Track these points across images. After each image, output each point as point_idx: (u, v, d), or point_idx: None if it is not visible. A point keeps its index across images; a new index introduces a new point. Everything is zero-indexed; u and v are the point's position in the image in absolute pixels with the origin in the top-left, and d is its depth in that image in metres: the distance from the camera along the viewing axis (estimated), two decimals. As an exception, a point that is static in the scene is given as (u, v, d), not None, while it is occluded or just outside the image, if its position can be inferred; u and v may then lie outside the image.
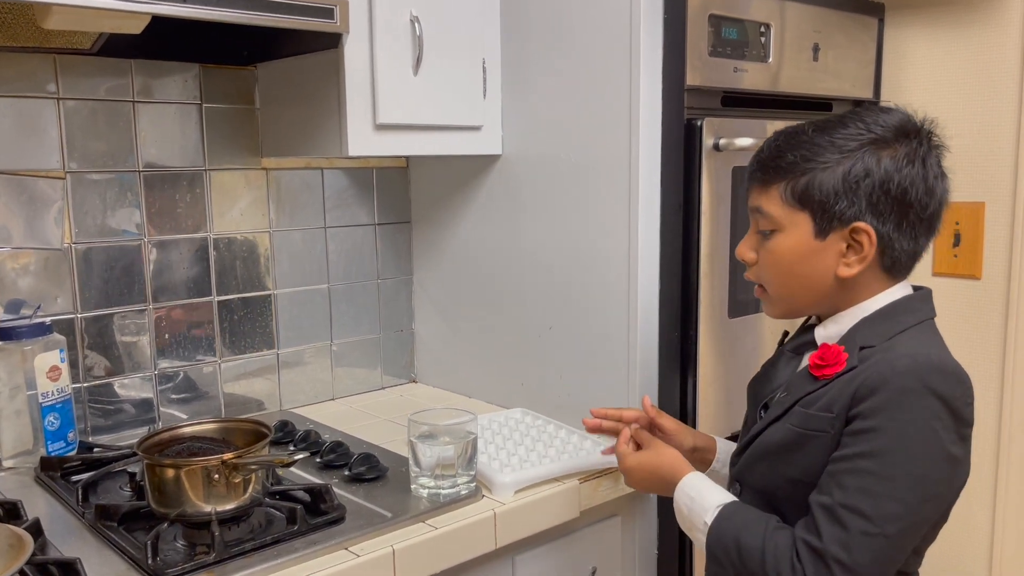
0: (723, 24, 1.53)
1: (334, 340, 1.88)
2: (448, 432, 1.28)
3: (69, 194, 1.51)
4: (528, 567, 1.37)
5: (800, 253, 1.03)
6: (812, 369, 1.03)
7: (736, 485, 1.12)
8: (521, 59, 1.64)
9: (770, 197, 1.03)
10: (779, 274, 1.06)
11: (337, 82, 1.46)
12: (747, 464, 1.10)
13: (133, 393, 1.61)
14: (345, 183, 1.86)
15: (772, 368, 1.15)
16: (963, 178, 1.84)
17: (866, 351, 1.00)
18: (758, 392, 1.14)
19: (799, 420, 1.01)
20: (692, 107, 1.49)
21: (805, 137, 1.01)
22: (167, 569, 1.05)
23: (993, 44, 1.79)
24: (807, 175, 1.00)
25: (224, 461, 1.11)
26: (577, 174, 1.56)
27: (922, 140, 1.01)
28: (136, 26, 1.29)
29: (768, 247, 1.05)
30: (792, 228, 1.02)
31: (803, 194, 1.00)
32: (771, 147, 1.04)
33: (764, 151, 1.05)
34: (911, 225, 1.00)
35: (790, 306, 1.09)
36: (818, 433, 0.99)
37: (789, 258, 1.04)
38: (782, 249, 1.04)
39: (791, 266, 1.04)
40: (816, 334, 1.08)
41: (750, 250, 1.08)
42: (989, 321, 1.82)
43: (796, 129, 1.04)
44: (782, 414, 1.04)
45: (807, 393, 1.02)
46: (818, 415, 0.99)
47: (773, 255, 1.05)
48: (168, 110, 1.61)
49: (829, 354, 1.01)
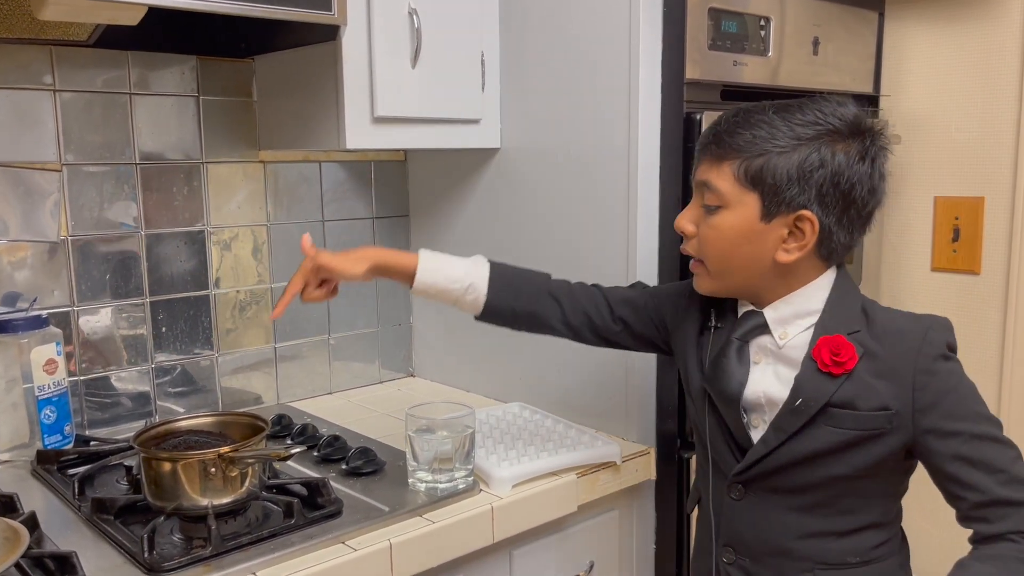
0: (723, 17, 1.52)
1: (331, 334, 1.88)
2: (446, 426, 1.28)
3: (65, 186, 1.50)
4: (526, 561, 1.37)
5: (743, 232, 1.03)
6: (829, 368, 1.01)
7: (739, 488, 1.10)
8: (520, 52, 1.63)
9: (722, 173, 1.02)
10: (719, 250, 1.05)
11: (335, 74, 1.46)
12: (772, 470, 1.06)
13: (130, 386, 1.61)
14: (343, 176, 1.85)
15: (724, 360, 1.09)
16: (962, 173, 1.84)
17: (857, 336, 1.02)
18: (724, 390, 1.08)
19: (852, 422, 1.00)
20: (691, 100, 1.48)
21: (765, 118, 1.01)
22: (163, 563, 1.05)
23: (993, 39, 1.79)
24: (762, 157, 1.00)
25: (221, 455, 1.11)
26: (576, 168, 1.55)
27: (874, 139, 1.02)
28: (132, 17, 1.28)
29: (711, 222, 1.04)
30: (739, 207, 1.02)
31: (756, 175, 1.00)
32: (729, 123, 1.03)
33: (721, 125, 1.04)
34: (850, 220, 1.02)
35: (724, 283, 1.08)
36: (878, 431, 1.00)
37: (731, 236, 1.03)
38: (725, 226, 1.03)
39: (732, 244, 1.04)
40: (768, 317, 1.07)
41: (690, 223, 1.08)
42: (988, 317, 1.82)
43: (756, 108, 1.03)
44: (813, 418, 1.02)
45: (833, 393, 1.01)
46: (874, 415, 1.00)
47: (716, 231, 1.04)
48: (165, 102, 1.60)
49: (842, 349, 1.01)
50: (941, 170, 1.87)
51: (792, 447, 1.04)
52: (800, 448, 1.03)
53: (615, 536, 1.51)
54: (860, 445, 1.01)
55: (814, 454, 1.03)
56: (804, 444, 1.03)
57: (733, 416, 1.09)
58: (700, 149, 1.07)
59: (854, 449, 1.01)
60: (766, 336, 1.08)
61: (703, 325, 1.16)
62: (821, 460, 1.03)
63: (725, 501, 1.12)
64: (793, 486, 1.06)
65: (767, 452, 1.06)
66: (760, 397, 1.07)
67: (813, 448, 1.02)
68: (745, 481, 1.09)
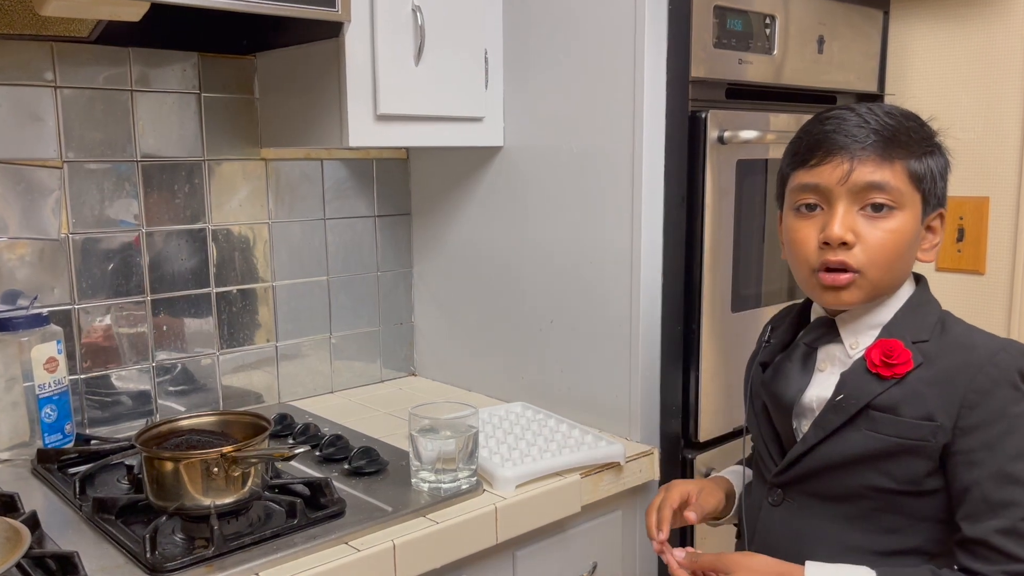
0: (728, 15, 1.51)
1: (333, 333, 1.87)
2: (449, 426, 1.27)
3: (66, 184, 1.49)
4: (529, 562, 1.36)
5: (913, 233, 0.99)
6: (878, 368, 0.97)
7: (778, 492, 1.06)
8: (523, 50, 1.62)
9: (895, 171, 0.97)
10: (891, 256, 0.98)
11: (338, 72, 1.45)
12: (808, 473, 1.03)
13: (131, 385, 1.60)
14: (345, 174, 1.85)
15: (788, 363, 1.07)
16: (967, 172, 1.83)
17: (922, 346, 0.98)
18: (782, 393, 1.05)
19: (892, 428, 0.96)
20: (696, 99, 1.48)
21: (913, 117, 1.00)
22: (166, 563, 1.04)
23: (998, 38, 1.78)
24: (927, 156, 0.98)
25: (223, 454, 1.10)
26: (579, 166, 1.54)
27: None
28: (134, 13, 1.27)
29: (885, 227, 0.97)
30: (910, 207, 0.98)
31: (919, 174, 0.98)
32: (884, 121, 0.98)
33: (869, 124, 0.97)
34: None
35: (876, 293, 1.00)
36: (919, 443, 0.95)
37: (907, 239, 0.98)
38: (903, 229, 0.97)
39: (906, 248, 0.99)
40: (841, 325, 1.03)
41: (848, 231, 0.97)
42: (992, 317, 1.82)
43: (893, 108, 1.00)
44: (852, 419, 0.98)
45: (876, 395, 0.97)
46: (918, 423, 0.95)
47: (893, 235, 0.97)
48: (166, 99, 1.59)
49: (896, 352, 0.97)
50: (945, 170, 1.87)
51: (830, 448, 1.00)
52: (837, 450, 0.99)
53: (618, 537, 1.50)
54: (900, 456, 0.96)
55: (851, 459, 0.98)
56: (841, 447, 0.99)
57: (784, 422, 1.06)
58: (858, 148, 0.97)
59: (895, 460, 0.96)
60: (837, 345, 1.04)
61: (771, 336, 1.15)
62: (859, 467, 0.98)
63: (763, 507, 1.08)
64: (831, 493, 1.01)
65: (805, 451, 1.02)
66: (813, 401, 1.03)
67: (850, 452, 0.98)
68: (784, 484, 1.06)
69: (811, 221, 1.00)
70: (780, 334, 1.13)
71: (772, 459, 1.08)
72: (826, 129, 0.99)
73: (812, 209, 1.00)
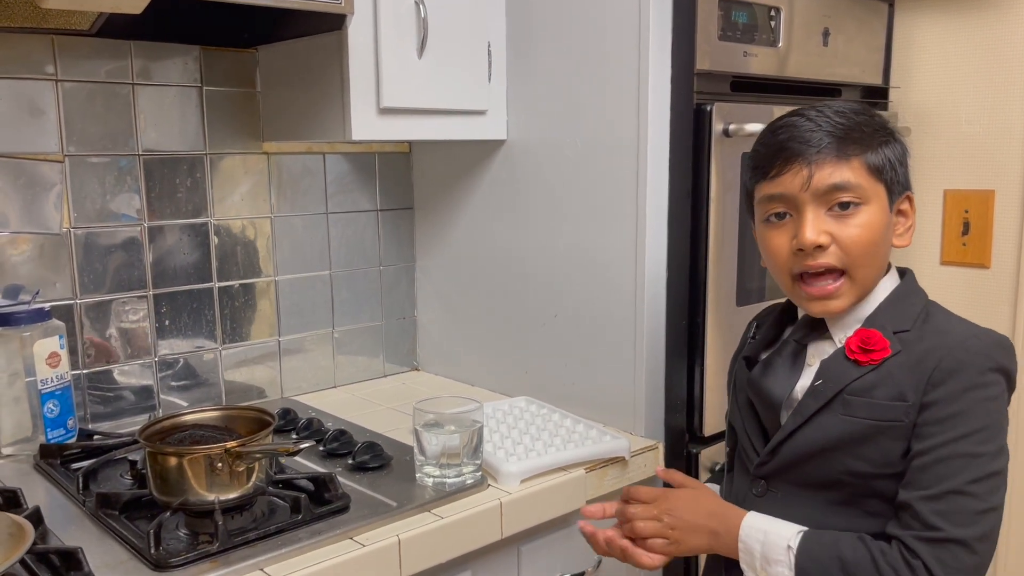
0: (733, 7, 1.50)
1: (336, 327, 1.86)
2: (453, 421, 1.27)
3: (68, 178, 1.48)
4: (534, 557, 1.35)
5: (885, 224, 1.01)
6: (856, 355, 1.00)
7: (761, 484, 1.08)
8: (527, 43, 1.61)
9: (854, 168, 0.99)
10: (865, 251, 1.00)
11: (340, 65, 1.44)
12: (788, 461, 1.04)
13: (133, 380, 1.59)
14: (347, 168, 1.84)
15: (778, 359, 1.09)
16: (973, 165, 1.82)
17: (903, 335, 1.00)
18: (771, 388, 1.07)
19: (866, 411, 0.98)
20: (701, 92, 1.47)
21: (862, 111, 1.02)
22: (170, 558, 1.03)
23: (1003, 30, 1.77)
24: (883, 147, 1.00)
25: (228, 449, 1.09)
26: (584, 160, 1.54)
27: None
28: (136, 6, 1.26)
29: (856, 222, 0.99)
30: (875, 199, 1.00)
31: (878, 166, 1.00)
32: (834, 121, 0.99)
33: (823, 127, 0.99)
34: None
35: (864, 289, 1.03)
36: (892, 423, 0.97)
37: (879, 230, 1.00)
38: (873, 222, 1.00)
39: (881, 239, 1.01)
40: (829, 321, 1.05)
41: (822, 234, 0.99)
42: (998, 311, 1.81)
43: (843, 106, 1.02)
44: (826, 405, 1.00)
45: (852, 380, 0.99)
46: (891, 404, 0.97)
47: (865, 229, 0.99)
48: (168, 93, 1.58)
49: (873, 340, 0.99)
50: (951, 163, 1.86)
51: (808, 435, 1.02)
52: (815, 436, 1.01)
53: (623, 531, 1.50)
54: (875, 439, 0.98)
55: (829, 444, 1.00)
56: (818, 432, 1.01)
57: (771, 417, 1.07)
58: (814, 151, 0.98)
59: (871, 443, 0.98)
60: (826, 341, 1.06)
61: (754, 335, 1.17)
62: (837, 453, 1.00)
63: (748, 499, 1.09)
64: (812, 480, 1.03)
65: (784, 438, 1.04)
66: (798, 392, 1.05)
67: (827, 437, 1.00)
68: (766, 475, 1.07)
69: (783, 229, 1.03)
70: (765, 331, 1.15)
71: (755, 452, 1.09)
72: (780, 139, 1.02)
73: (782, 217, 1.03)
